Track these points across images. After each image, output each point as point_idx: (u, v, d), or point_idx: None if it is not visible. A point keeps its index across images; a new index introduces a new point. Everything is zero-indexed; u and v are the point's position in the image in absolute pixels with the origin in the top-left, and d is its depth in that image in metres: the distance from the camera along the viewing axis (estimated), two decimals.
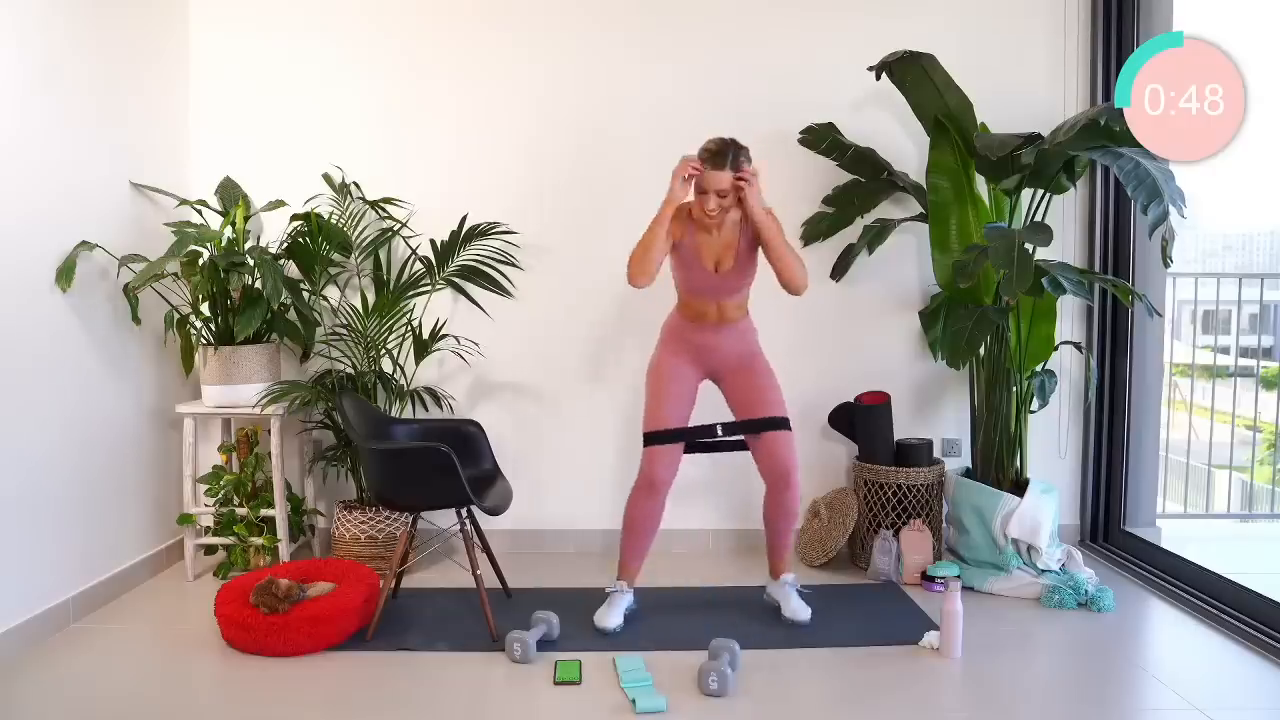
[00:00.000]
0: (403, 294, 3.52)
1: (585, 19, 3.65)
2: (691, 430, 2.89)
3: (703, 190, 2.69)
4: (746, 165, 2.69)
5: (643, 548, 2.93)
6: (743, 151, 2.69)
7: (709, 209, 2.69)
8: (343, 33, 3.64)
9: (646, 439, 2.86)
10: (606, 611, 2.87)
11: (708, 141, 2.70)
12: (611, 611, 2.86)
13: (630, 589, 2.94)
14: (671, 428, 2.85)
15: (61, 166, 2.89)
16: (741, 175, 2.66)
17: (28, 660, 2.62)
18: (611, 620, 2.84)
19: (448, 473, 2.69)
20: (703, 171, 2.67)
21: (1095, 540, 3.77)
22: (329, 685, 2.50)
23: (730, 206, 2.72)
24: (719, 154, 2.65)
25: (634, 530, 2.91)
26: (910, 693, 2.48)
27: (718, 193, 2.67)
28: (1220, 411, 4.68)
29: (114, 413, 3.17)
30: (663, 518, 2.90)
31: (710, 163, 2.66)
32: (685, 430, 2.88)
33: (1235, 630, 2.84)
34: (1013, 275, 2.84)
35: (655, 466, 2.83)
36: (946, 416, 3.79)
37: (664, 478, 2.84)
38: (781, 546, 2.97)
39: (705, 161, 2.67)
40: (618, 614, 2.86)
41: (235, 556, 3.37)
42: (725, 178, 2.65)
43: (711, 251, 2.81)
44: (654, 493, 2.85)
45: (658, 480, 2.84)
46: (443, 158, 3.67)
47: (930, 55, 3.17)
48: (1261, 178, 4.25)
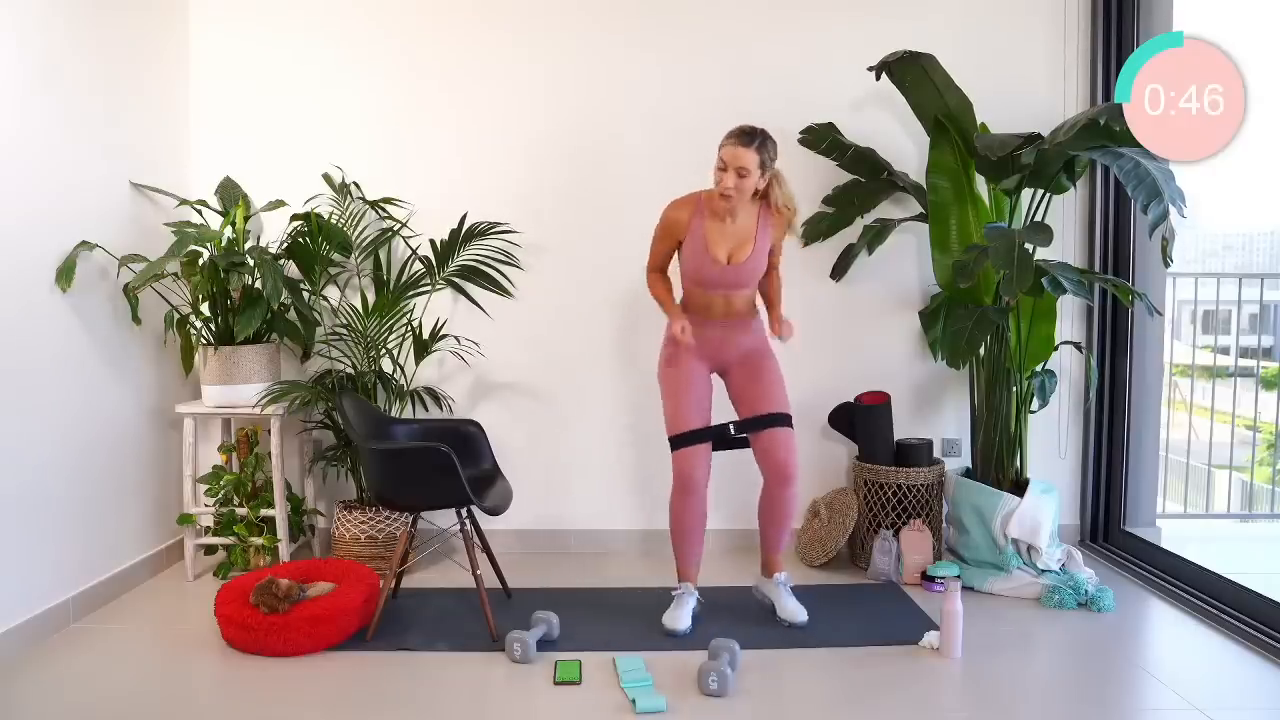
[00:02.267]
0: (403, 294, 3.52)
1: (585, 19, 3.65)
2: (714, 430, 2.87)
3: (723, 167, 2.70)
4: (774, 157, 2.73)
5: (695, 548, 2.91)
6: (770, 142, 2.71)
7: (725, 186, 2.69)
8: (343, 33, 3.64)
9: (673, 443, 2.84)
10: (674, 613, 2.85)
11: (738, 125, 2.73)
12: (679, 613, 2.84)
13: (695, 589, 2.92)
14: (695, 428, 2.83)
15: (61, 166, 2.89)
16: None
17: (28, 660, 2.62)
18: (681, 622, 2.82)
19: (448, 473, 2.69)
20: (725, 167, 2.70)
21: (1095, 540, 3.77)
22: (329, 685, 2.50)
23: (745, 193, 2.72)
24: (747, 133, 2.69)
25: (680, 533, 2.89)
26: (910, 693, 2.48)
27: (738, 170, 2.67)
28: (1220, 411, 4.68)
29: (114, 413, 3.17)
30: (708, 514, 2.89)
31: (738, 139, 2.68)
32: (710, 430, 2.86)
33: (1235, 630, 2.84)
34: (1013, 275, 2.84)
35: (688, 468, 2.81)
36: (946, 416, 3.79)
37: (699, 477, 2.82)
38: (777, 543, 2.95)
39: (733, 138, 2.69)
40: (686, 615, 2.84)
41: (235, 556, 3.37)
42: (748, 157, 2.66)
43: (724, 242, 2.79)
44: (692, 493, 2.83)
45: (693, 480, 2.81)
46: (443, 158, 3.67)
47: (930, 55, 3.17)
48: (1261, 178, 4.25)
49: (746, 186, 2.70)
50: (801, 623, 2.86)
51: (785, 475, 2.83)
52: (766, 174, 2.72)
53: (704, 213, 2.80)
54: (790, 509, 2.89)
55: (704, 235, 2.78)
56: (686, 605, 2.87)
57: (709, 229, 2.79)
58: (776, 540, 2.94)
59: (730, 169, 2.67)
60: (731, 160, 2.67)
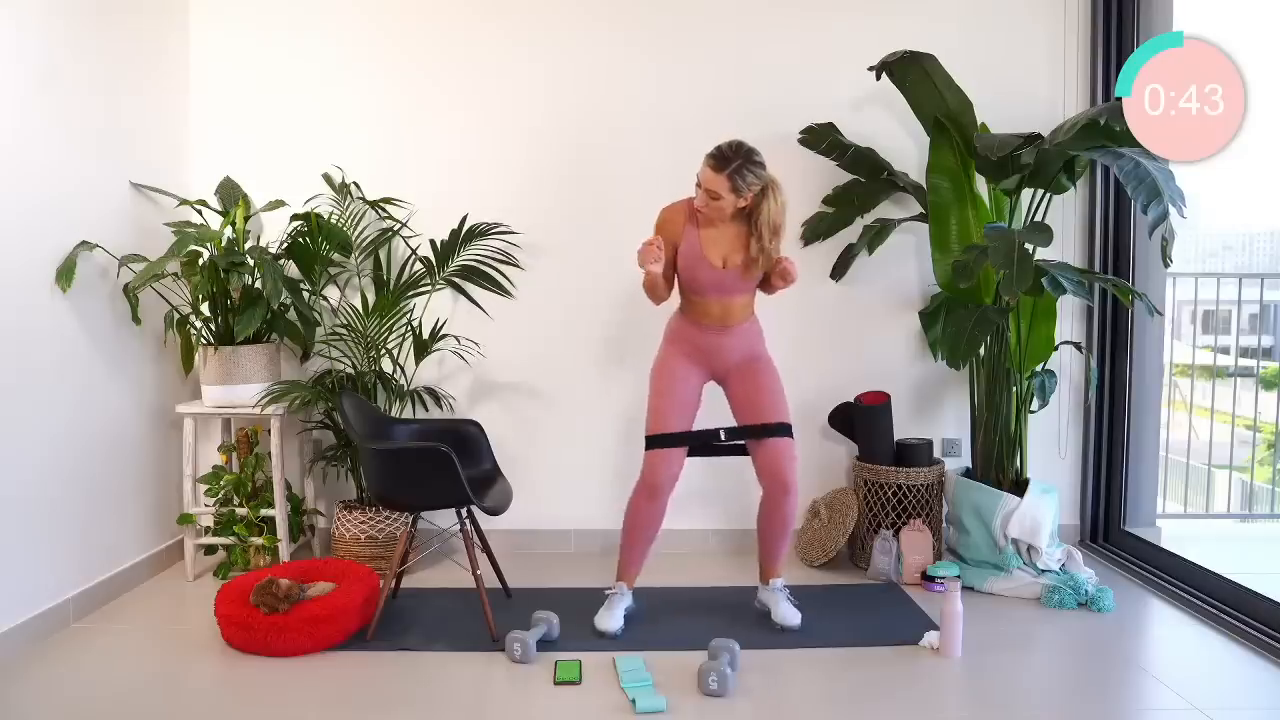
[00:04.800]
0: (403, 294, 3.52)
1: (585, 19, 3.65)
2: (693, 435, 2.86)
3: (699, 184, 2.70)
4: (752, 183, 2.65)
5: (642, 551, 2.92)
6: (748, 168, 2.64)
7: (696, 204, 2.72)
8: (343, 33, 3.64)
9: (648, 442, 2.84)
10: (606, 614, 2.86)
11: (723, 143, 2.68)
12: (611, 614, 2.85)
13: (629, 590, 2.94)
14: (674, 431, 2.83)
15: (61, 166, 2.89)
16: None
17: (28, 660, 2.62)
18: (612, 623, 2.83)
19: (447, 473, 2.69)
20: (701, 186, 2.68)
21: (1095, 540, 3.77)
22: (329, 685, 2.50)
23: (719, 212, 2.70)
24: (723, 157, 2.64)
25: (633, 533, 2.89)
26: (910, 693, 2.48)
27: (708, 191, 2.66)
28: (1220, 411, 4.68)
29: (114, 413, 3.17)
30: (663, 521, 2.89)
31: (713, 162, 2.64)
32: (687, 435, 2.85)
33: (1235, 630, 2.84)
34: (1013, 275, 2.84)
35: (656, 470, 2.81)
36: (946, 416, 3.79)
37: (664, 482, 2.82)
38: (775, 553, 2.94)
39: (710, 158, 2.66)
40: (617, 616, 2.85)
41: (235, 556, 3.37)
42: (718, 181, 2.63)
43: (718, 246, 2.78)
44: (654, 496, 2.83)
45: (658, 484, 2.81)
46: (443, 158, 3.67)
47: (930, 55, 3.17)
48: (1261, 178, 4.25)
49: (718, 207, 2.68)
50: (794, 626, 2.85)
51: (784, 486, 2.82)
52: (745, 196, 2.67)
53: (698, 217, 2.80)
54: (789, 519, 2.88)
55: (699, 239, 2.78)
56: (619, 606, 2.88)
57: (704, 233, 2.79)
58: (774, 549, 2.93)
59: (702, 188, 2.68)
60: (704, 181, 2.67)
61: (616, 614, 2.86)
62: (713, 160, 2.65)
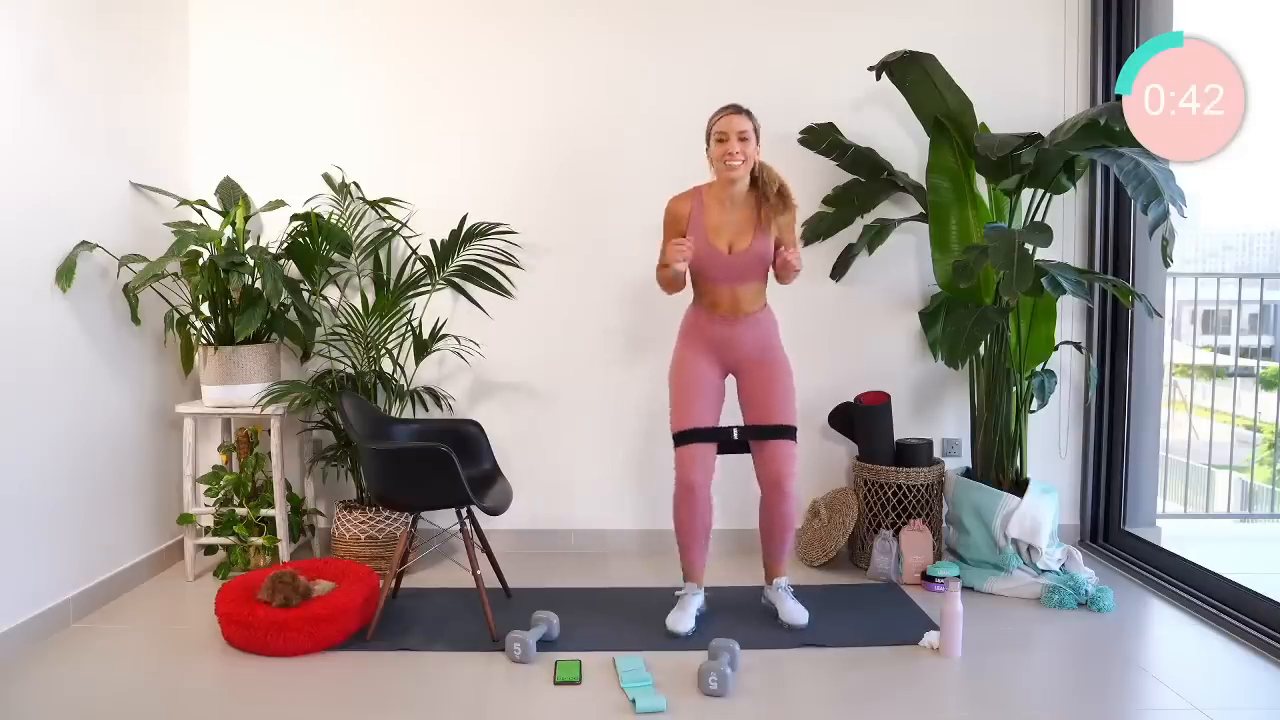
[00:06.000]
0: (403, 294, 3.52)
1: (585, 19, 3.65)
2: (712, 431, 2.85)
3: (723, 138, 2.74)
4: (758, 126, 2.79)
5: (700, 548, 2.89)
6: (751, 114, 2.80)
7: (731, 153, 2.73)
8: (343, 33, 3.64)
9: (675, 440, 2.84)
10: (678, 614, 2.83)
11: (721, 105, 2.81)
12: (683, 615, 2.83)
13: (700, 589, 2.92)
14: (698, 426, 2.82)
15: (61, 166, 2.89)
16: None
17: (28, 660, 2.62)
18: (683, 624, 2.80)
19: (447, 473, 2.69)
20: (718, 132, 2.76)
21: (1095, 540, 3.77)
22: (329, 685, 2.50)
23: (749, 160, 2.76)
24: (733, 105, 2.78)
25: (683, 533, 2.87)
26: (910, 693, 2.48)
27: (739, 134, 2.73)
28: (1220, 411, 4.68)
29: (114, 413, 3.17)
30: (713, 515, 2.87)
31: (729, 109, 2.77)
32: (707, 430, 2.84)
33: (1235, 630, 2.84)
34: (1013, 275, 2.84)
35: (685, 467, 2.81)
36: (946, 416, 3.79)
37: (699, 479, 2.80)
38: (778, 553, 2.94)
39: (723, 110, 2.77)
40: (689, 617, 2.83)
41: (235, 556, 3.37)
42: (744, 122, 2.74)
43: (724, 231, 2.79)
44: (692, 494, 2.80)
45: (693, 482, 2.79)
46: (443, 158, 3.67)
47: (930, 55, 3.17)
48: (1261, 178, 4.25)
49: (750, 152, 2.75)
50: (801, 624, 2.85)
51: (781, 488, 2.82)
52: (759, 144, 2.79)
53: (703, 204, 2.81)
54: (788, 520, 2.88)
55: (704, 226, 2.79)
56: (690, 606, 2.87)
57: (709, 220, 2.80)
58: (775, 549, 2.94)
59: (731, 136, 2.73)
60: (730, 127, 2.74)
61: (688, 614, 2.84)
62: (729, 109, 2.78)
